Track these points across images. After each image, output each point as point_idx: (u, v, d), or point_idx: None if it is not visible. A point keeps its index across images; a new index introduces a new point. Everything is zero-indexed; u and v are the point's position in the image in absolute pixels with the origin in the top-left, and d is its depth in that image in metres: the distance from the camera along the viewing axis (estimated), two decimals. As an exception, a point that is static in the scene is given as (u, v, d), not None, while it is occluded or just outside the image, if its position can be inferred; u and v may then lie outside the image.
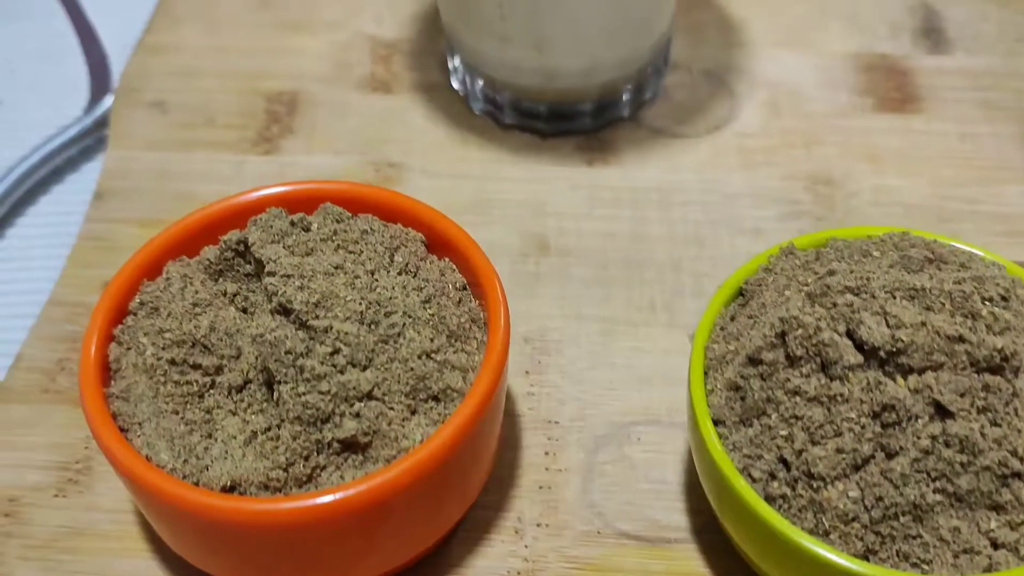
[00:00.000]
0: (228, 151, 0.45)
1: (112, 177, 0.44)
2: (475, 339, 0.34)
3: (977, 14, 0.50)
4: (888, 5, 0.50)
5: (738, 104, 0.46)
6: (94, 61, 0.51)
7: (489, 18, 0.42)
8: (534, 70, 0.43)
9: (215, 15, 0.50)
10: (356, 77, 0.47)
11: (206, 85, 0.47)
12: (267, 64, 0.48)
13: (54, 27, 0.53)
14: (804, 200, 0.43)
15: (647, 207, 0.43)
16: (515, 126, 0.45)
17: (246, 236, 0.33)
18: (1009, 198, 0.43)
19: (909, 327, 0.31)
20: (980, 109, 0.46)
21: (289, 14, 0.50)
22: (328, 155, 0.45)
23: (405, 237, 0.35)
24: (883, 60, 0.48)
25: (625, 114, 0.45)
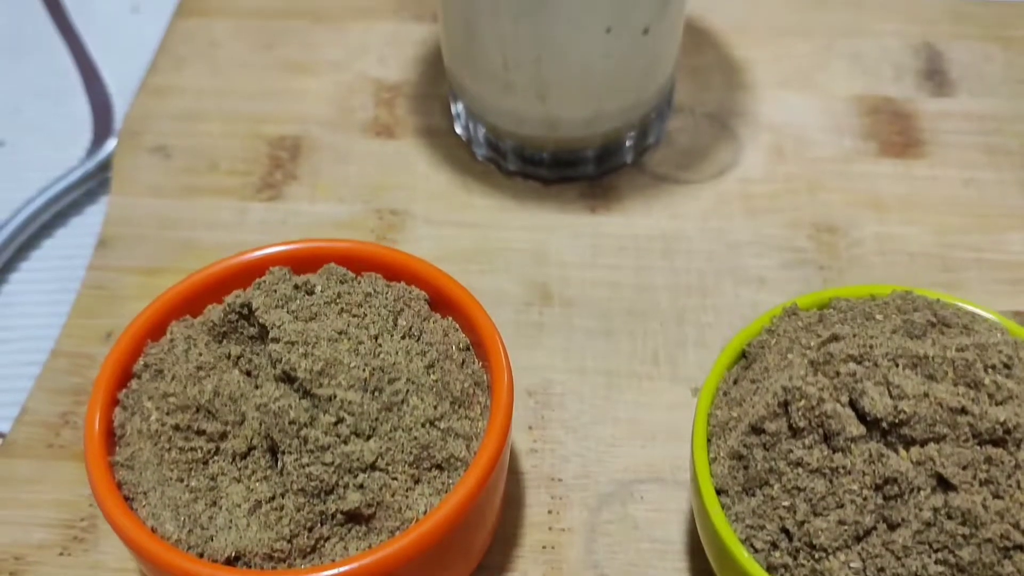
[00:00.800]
0: (231, 197, 0.45)
1: (115, 224, 0.44)
2: (479, 404, 0.34)
3: (981, 55, 0.50)
4: (892, 46, 0.50)
5: (741, 148, 0.46)
6: (97, 100, 0.51)
7: (492, 67, 0.42)
8: (537, 119, 0.43)
9: (218, 55, 0.50)
10: (359, 121, 0.47)
11: (209, 129, 0.47)
12: (270, 107, 0.48)
13: (57, 65, 0.53)
14: (807, 248, 0.43)
15: (650, 256, 0.43)
16: (518, 173, 0.45)
17: (250, 300, 0.34)
18: (1012, 245, 0.43)
19: (912, 398, 0.31)
20: (983, 153, 0.46)
21: (292, 54, 0.50)
22: (332, 202, 0.45)
23: (408, 296, 0.35)
24: (887, 103, 0.48)
25: (628, 160, 0.45)
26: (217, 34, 0.51)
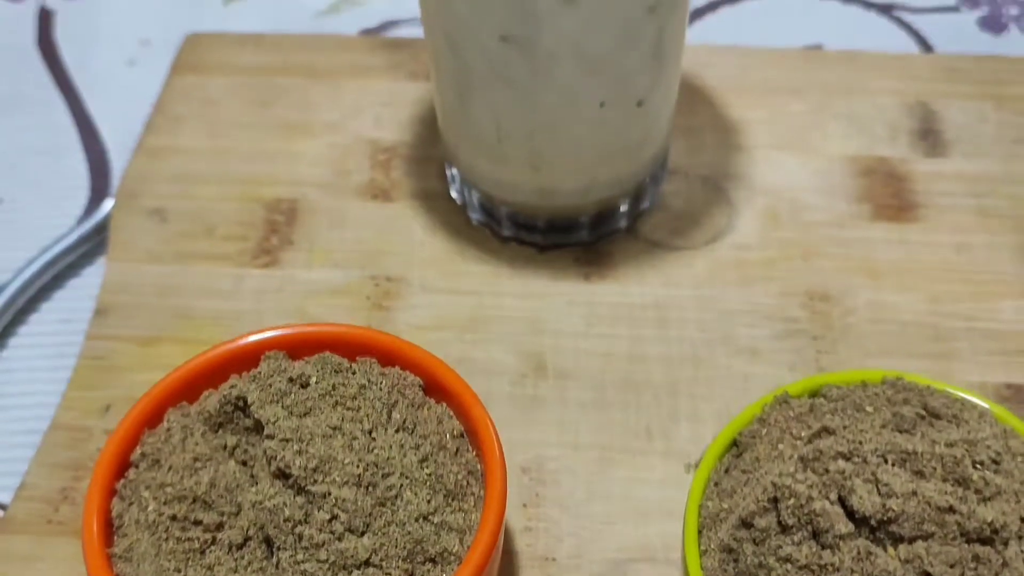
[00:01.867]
0: (228, 264, 0.45)
1: (112, 291, 0.45)
2: (472, 495, 0.34)
3: (975, 114, 0.50)
4: (886, 104, 0.50)
5: (736, 213, 0.46)
6: (94, 157, 0.52)
7: (486, 139, 0.42)
8: (531, 189, 0.43)
9: (214, 115, 0.50)
10: (355, 184, 0.48)
11: (205, 192, 0.48)
12: (266, 169, 0.48)
13: (55, 120, 0.53)
14: (800, 318, 0.43)
15: (644, 325, 0.43)
16: (513, 238, 0.46)
17: (245, 393, 0.34)
18: (1003, 314, 0.43)
19: (900, 496, 0.31)
20: (976, 217, 0.46)
21: (288, 114, 0.50)
22: (328, 268, 0.45)
23: (403, 384, 0.36)
24: (881, 164, 0.48)
25: (622, 225, 0.46)
26: (213, 92, 0.51)
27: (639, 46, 0.39)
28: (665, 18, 0.39)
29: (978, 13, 0.57)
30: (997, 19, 0.57)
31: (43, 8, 0.59)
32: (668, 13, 0.39)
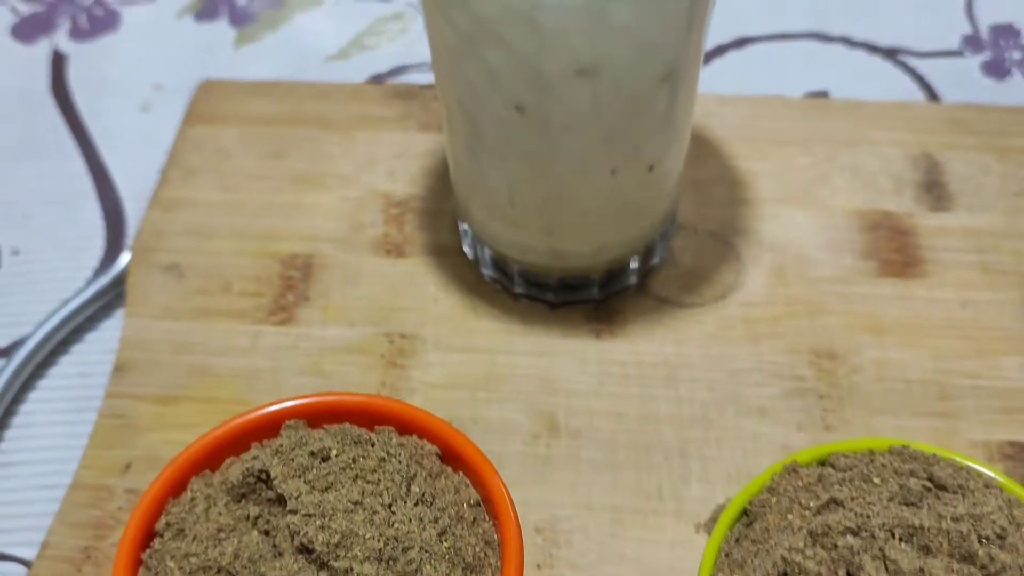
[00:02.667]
0: (244, 321, 0.46)
1: (131, 348, 0.45)
2: (490, 566, 0.35)
3: (978, 166, 0.50)
4: (891, 155, 0.51)
5: (744, 269, 0.47)
6: (108, 206, 0.52)
7: (498, 204, 0.43)
8: (543, 250, 0.44)
9: (227, 166, 0.51)
10: (369, 238, 0.48)
11: (221, 246, 0.48)
12: (281, 223, 0.49)
13: (69, 167, 0.54)
14: (808, 376, 0.44)
15: (654, 384, 0.44)
16: (525, 295, 0.46)
17: (268, 467, 0.35)
18: (1008, 371, 0.44)
19: (907, 573, 0.32)
20: (981, 273, 0.47)
21: (301, 166, 0.51)
22: (342, 326, 0.46)
23: (421, 453, 0.36)
24: (887, 218, 0.49)
25: (633, 282, 0.46)
26: (226, 142, 0.52)
27: (651, 115, 0.40)
28: (677, 86, 0.40)
29: (981, 58, 0.58)
30: (1000, 64, 0.57)
31: (56, 51, 0.59)
32: (680, 82, 0.40)
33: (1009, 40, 0.58)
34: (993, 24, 0.59)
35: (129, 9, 0.62)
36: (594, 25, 0.36)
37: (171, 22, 0.61)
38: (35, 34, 0.60)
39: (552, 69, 0.37)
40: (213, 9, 0.61)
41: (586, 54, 0.37)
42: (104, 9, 0.61)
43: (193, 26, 0.60)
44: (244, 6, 0.61)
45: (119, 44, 0.60)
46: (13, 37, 0.60)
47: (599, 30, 0.36)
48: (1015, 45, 0.58)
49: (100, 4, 0.61)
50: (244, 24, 0.60)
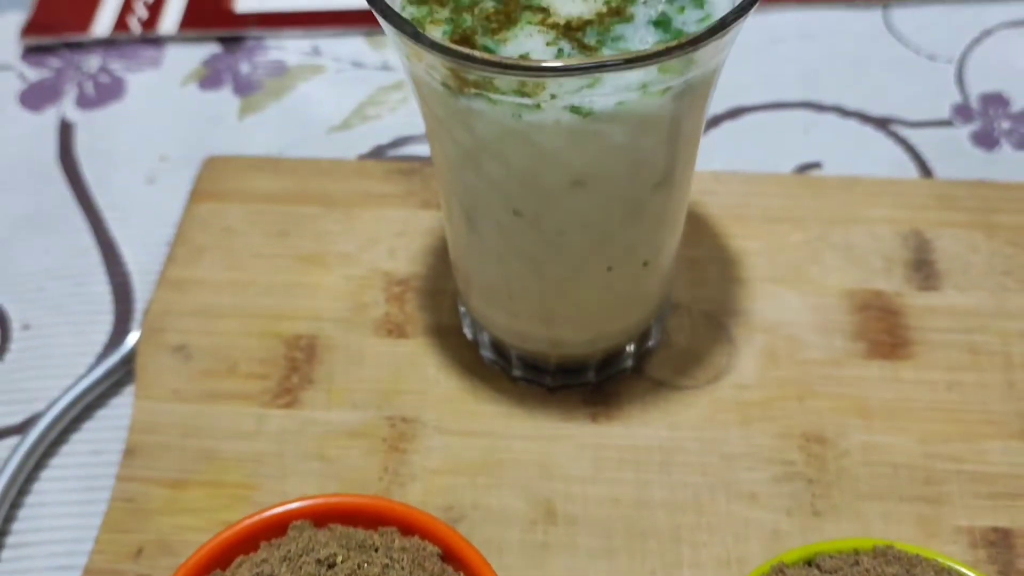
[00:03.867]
0: (250, 403, 0.47)
1: (141, 431, 0.47)
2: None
3: (966, 244, 0.52)
4: (882, 234, 0.52)
5: (736, 351, 0.48)
6: (117, 280, 0.53)
7: (497, 295, 0.44)
8: (541, 339, 0.45)
9: (233, 244, 0.52)
10: (371, 319, 0.50)
11: (227, 327, 0.50)
12: (286, 302, 0.50)
13: (77, 241, 0.55)
14: (797, 461, 0.45)
15: (649, 469, 0.45)
16: (523, 378, 0.48)
17: (277, 574, 0.36)
18: (992, 455, 0.45)
19: None
20: (967, 354, 0.48)
21: (305, 244, 0.52)
22: (346, 409, 0.47)
23: (423, 554, 0.38)
24: (876, 298, 0.50)
25: (629, 365, 0.48)
26: (232, 220, 0.53)
27: (645, 218, 0.41)
28: (670, 191, 0.41)
29: (971, 127, 0.59)
30: (989, 134, 0.58)
31: (63, 120, 0.61)
32: (673, 186, 0.41)
33: (998, 109, 0.60)
34: (983, 92, 0.61)
35: (134, 76, 0.63)
36: (589, 144, 0.37)
37: (176, 90, 0.62)
38: (43, 103, 0.61)
39: (549, 181, 0.39)
40: (217, 77, 0.62)
41: (582, 168, 0.38)
42: (110, 76, 0.62)
43: (198, 94, 0.62)
44: (247, 74, 0.62)
45: (125, 113, 0.61)
46: (22, 105, 0.62)
47: (594, 148, 0.37)
48: (1004, 114, 0.59)
49: (106, 71, 0.63)
50: (248, 93, 0.61)
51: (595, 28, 0.37)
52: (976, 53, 0.63)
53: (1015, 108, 0.60)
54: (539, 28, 0.37)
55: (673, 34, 0.37)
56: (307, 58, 0.63)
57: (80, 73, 0.63)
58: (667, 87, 0.36)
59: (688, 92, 0.37)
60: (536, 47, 0.37)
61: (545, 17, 0.38)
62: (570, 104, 0.35)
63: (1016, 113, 0.59)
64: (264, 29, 0.64)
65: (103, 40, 0.65)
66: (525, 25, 0.38)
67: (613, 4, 0.38)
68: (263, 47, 0.64)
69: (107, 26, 0.64)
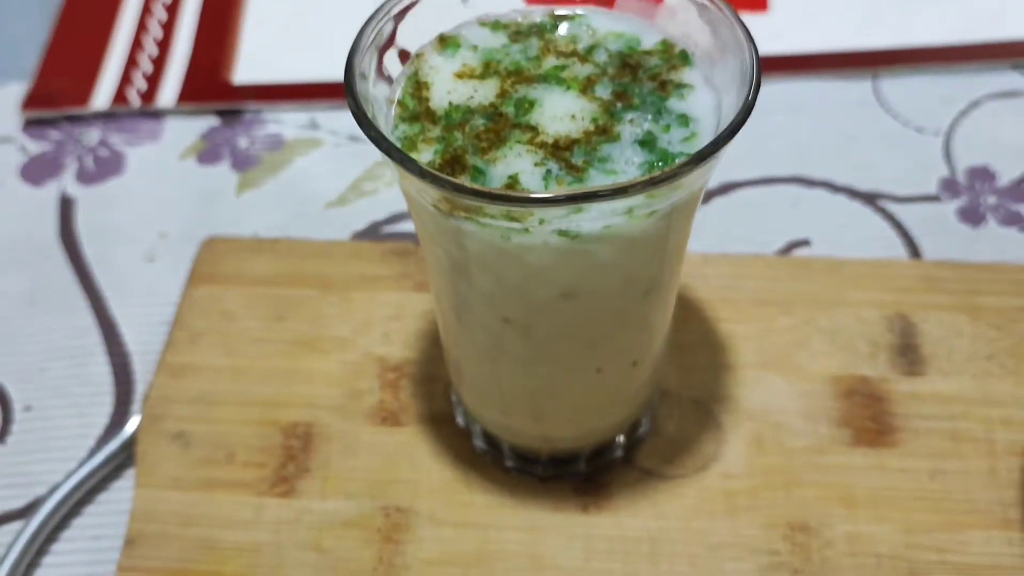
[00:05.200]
0: (248, 492, 0.48)
1: (141, 520, 0.47)
2: None
3: (951, 328, 0.52)
4: (868, 318, 0.53)
5: (724, 438, 0.49)
6: (117, 361, 0.54)
7: (488, 393, 0.46)
8: (532, 435, 0.46)
9: (231, 329, 0.53)
10: (366, 406, 0.51)
11: (225, 414, 0.50)
12: (282, 389, 0.51)
13: (78, 321, 0.56)
14: (782, 551, 0.46)
15: (638, 560, 0.46)
16: (515, 469, 0.49)
17: None
18: (974, 546, 0.46)
19: None
20: (951, 441, 0.49)
21: (301, 328, 0.53)
22: (341, 498, 0.48)
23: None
24: (862, 384, 0.51)
25: (619, 455, 0.49)
26: (230, 304, 0.54)
27: (634, 323, 0.42)
28: (658, 296, 0.42)
29: (958, 203, 0.60)
30: (975, 210, 0.59)
31: (64, 195, 0.62)
32: (662, 291, 0.42)
33: (984, 184, 0.61)
34: (969, 166, 0.62)
35: (133, 150, 0.64)
36: (578, 262, 0.38)
37: (175, 164, 0.63)
38: (43, 177, 0.62)
39: (539, 294, 0.40)
40: (215, 151, 0.63)
41: (571, 283, 0.39)
42: (109, 150, 0.63)
43: (196, 169, 0.63)
44: (245, 148, 0.63)
45: (125, 188, 0.62)
46: (22, 179, 0.63)
47: (582, 266, 0.38)
48: (990, 189, 0.60)
49: (105, 145, 0.64)
50: (246, 168, 0.62)
51: (582, 147, 0.38)
52: (963, 125, 0.64)
53: (1001, 182, 0.61)
54: (528, 148, 0.39)
55: (659, 154, 0.38)
56: (304, 131, 0.64)
57: (80, 146, 0.64)
58: (653, 210, 0.37)
59: (674, 212, 0.38)
60: (525, 167, 0.38)
61: (534, 136, 0.39)
62: (558, 228, 0.36)
63: (1002, 188, 0.60)
64: (261, 103, 0.65)
65: (103, 112, 0.66)
66: (514, 144, 0.39)
67: (600, 122, 0.39)
68: (261, 120, 0.65)
69: (107, 98, 0.65)
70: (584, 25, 0.43)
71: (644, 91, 0.41)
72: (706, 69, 0.41)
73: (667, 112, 0.40)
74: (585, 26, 0.43)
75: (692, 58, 0.41)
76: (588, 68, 0.41)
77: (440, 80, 0.41)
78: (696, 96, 0.41)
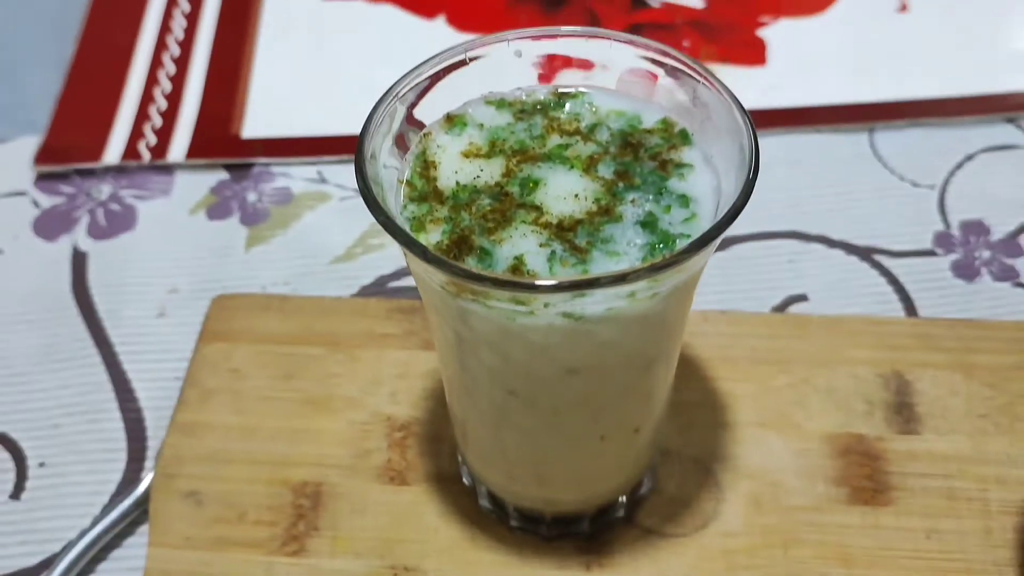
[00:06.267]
0: (259, 551, 0.49)
1: (154, 579, 0.49)
2: None
3: (946, 387, 0.54)
4: (864, 376, 0.54)
5: (723, 497, 0.50)
6: (130, 417, 0.56)
7: (493, 458, 0.47)
8: (536, 497, 0.48)
9: (242, 387, 0.54)
10: (374, 465, 0.52)
11: (236, 473, 0.52)
12: (292, 449, 0.52)
13: (92, 377, 0.57)
14: (781, 613, 0.47)
15: (640, 621, 0.47)
16: (520, 528, 0.50)
17: None
18: (968, 613, 0.48)
19: None
20: (946, 500, 0.50)
21: (310, 387, 0.54)
22: (349, 558, 0.49)
23: None
24: (858, 443, 0.52)
25: (621, 514, 0.50)
26: (240, 362, 0.55)
27: (636, 394, 0.44)
28: (660, 368, 0.43)
29: (953, 257, 0.61)
30: (970, 264, 0.61)
31: (76, 250, 0.63)
32: (664, 363, 0.44)
33: (979, 238, 0.62)
34: (964, 220, 0.63)
35: (144, 204, 0.65)
36: (582, 341, 0.39)
37: (184, 218, 0.64)
38: (56, 232, 0.64)
39: (544, 370, 0.41)
40: (225, 205, 0.64)
41: (575, 360, 0.40)
42: (121, 205, 0.65)
43: (206, 223, 0.64)
44: (254, 202, 0.65)
45: (136, 243, 0.63)
46: (35, 234, 0.64)
47: (587, 345, 0.40)
48: (984, 243, 0.62)
49: (117, 199, 0.65)
50: (254, 222, 0.64)
51: (585, 228, 0.40)
52: (958, 178, 0.65)
53: (995, 236, 0.62)
54: (532, 228, 0.40)
55: (660, 236, 0.40)
56: (312, 185, 0.66)
57: (92, 200, 0.65)
58: (655, 292, 0.38)
59: (676, 291, 0.40)
60: (530, 248, 0.39)
61: (538, 216, 0.40)
62: (562, 311, 0.38)
63: (995, 242, 0.62)
64: (269, 157, 0.67)
65: (114, 166, 0.67)
66: (519, 225, 0.40)
67: (602, 202, 0.41)
68: (269, 173, 0.66)
69: (118, 151, 0.67)
70: (586, 103, 0.45)
71: (645, 170, 0.42)
72: (706, 148, 0.43)
73: (668, 192, 0.41)
74: (587, 104, 0.45)
75: (692, 137, 0.43)
76: (591, 147, 0.43)
77: (447, 159, 0.43)
78: (696, 176, 0.42)
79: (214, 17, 0.76)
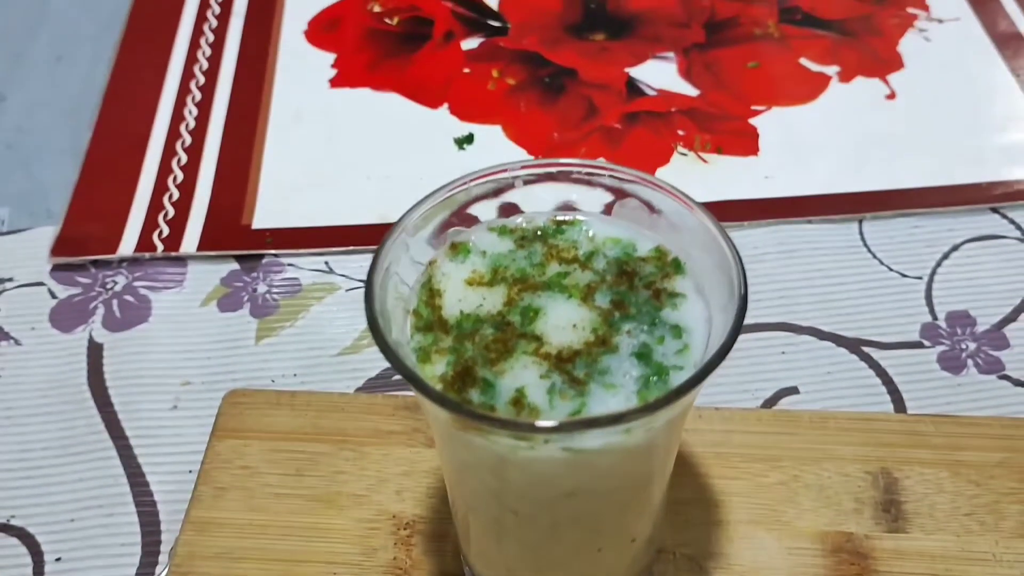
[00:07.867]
0: (269, 652, 0.51)
1: None
2: None
3: (933, 484, 0.55)
4: (853, 474, 0.56)
5: (717, 599, 0.53)
6: (144, 511, 0.57)
7: (494, 563, 0.49)
8: (536, 596, 0.50)
9: (253, 484, 0.56)
10: (380, 564, 0.53)
11: (249, 571, 0.53)
12: (302, 547, 0.54)
13: (108, 469, 0.59)
14: None
15: None
16: (521, 629, 0.52)
17: None
18: None
19: None
20: (934, 601, 0.52)
21: (319, 484, 0.56)
22: (357, 658, 0.51)
23: None
24: (847, 541, 0.54)
25: (617, 612, 0.52)
26: (251, 459, 0.57)
27: (633, 510, 0.46)
28: (655, 486, 0.45)
29: (939, 349, 0.63)
30: (957, 357, 0.63)
31: (91, 341, 0.65)
32: (657, 482, 0.45)
33: (965, 329, 0.64)
34: (950, 311, 0.65)
35: (157, 295, 0.67)
36: (580, 470, 0.41)
37: (196, 310, 0.66)
38: (73, 324, 0.66)
39: (543, 494, 0.43)
40: (236, 297, 0.66)
41: (573, 485, 0.42)
42: (135, 296, 0.67)
43: (217, 315, 0.66)
44: (263, 293, 0.67)
45: (150, 335, 0.65)
46: (52, 325, 0.66)
47: (585, 473, 0.42)
48: (970, 335, 0.64)
49: (131, 290, 0.67)
50: (264, 315, 0.66)
51: (583, 359, 0.42)
52: (944, 268, 0.67)
53: (980, 328, 0.64)
54: (533, 359, 0.42)
55: (654, 368, 0.42)
56: (320, 276, 0.68)
57: (107, 291, 0.67)
58: (650, 427, 0.40)
59: (670, 422, 0.42)
60: (531, 379, 0.41)
61: (539, 346, 0.42)
62: (561, 446, 0.40)
63: (981, 333, 0.64)
64: (278, 249, 0.69)
65: (128, 257, 0.69)
66: (521, 355, 0.42)
67: (599, 332, 0.43)
68: (279, 263, 0.68)
69: (132, 242, 0.69)
70: (583, 230, 0.47)
71: (640, 300, 0.44)
72: (698, 278, 0.45)
73: (661, 323, 0.43)
74: (584, 231, 0.47)
75: (684, 267, 0.45)
76: (588, 275, 0.45)
77: (452, 287, 0.45)
78: (688, 306, 0.44)
79: (225, 105, 0.78)
